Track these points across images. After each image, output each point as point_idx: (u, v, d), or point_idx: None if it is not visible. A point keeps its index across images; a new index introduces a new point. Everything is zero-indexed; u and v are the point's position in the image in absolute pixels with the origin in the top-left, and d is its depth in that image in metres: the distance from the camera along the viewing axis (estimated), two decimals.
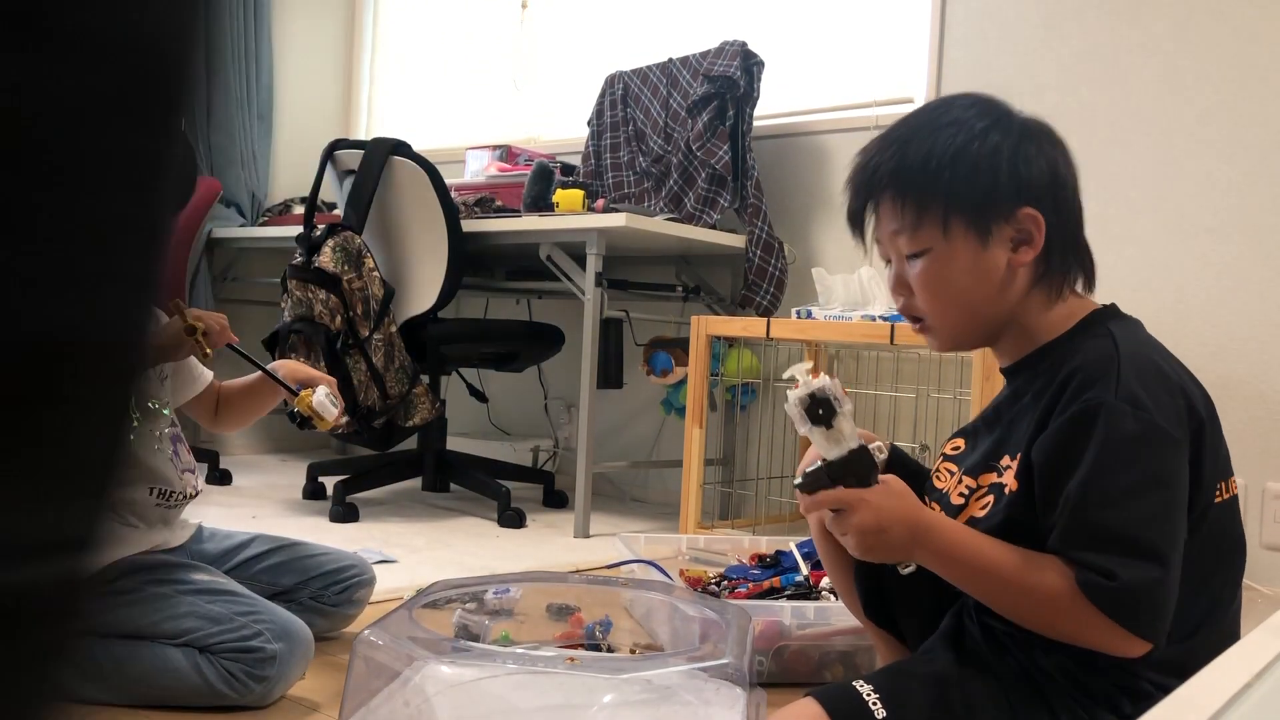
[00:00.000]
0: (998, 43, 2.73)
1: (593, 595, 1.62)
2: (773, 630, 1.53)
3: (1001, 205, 1.06)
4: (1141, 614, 0.94)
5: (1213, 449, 1.03)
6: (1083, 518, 0.97)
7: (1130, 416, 0.96)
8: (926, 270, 1.08)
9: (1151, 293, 2.46)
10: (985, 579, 1.01)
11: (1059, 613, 0.97)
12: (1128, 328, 1.08)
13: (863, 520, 1.02)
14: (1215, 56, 2.43)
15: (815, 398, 1.04)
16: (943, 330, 1.12)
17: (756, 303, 2.93)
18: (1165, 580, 0.94)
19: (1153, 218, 2.48)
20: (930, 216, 1.07)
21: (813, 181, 3.06)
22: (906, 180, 1.08)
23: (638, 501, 3.39)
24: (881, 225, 1.12)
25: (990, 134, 1.06)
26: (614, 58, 3.45)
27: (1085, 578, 0.95)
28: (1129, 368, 0.99)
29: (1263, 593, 2.20)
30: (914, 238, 1.08)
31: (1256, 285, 2.37)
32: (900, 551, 1.03)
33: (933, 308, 1.10)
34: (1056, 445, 1.00)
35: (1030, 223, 1.06)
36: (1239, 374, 2.38)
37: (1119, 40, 2.56)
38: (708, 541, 2.12)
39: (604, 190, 3.26)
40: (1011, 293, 1.09)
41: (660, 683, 1.14)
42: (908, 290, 1.11)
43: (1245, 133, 2.39)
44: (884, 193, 1.10)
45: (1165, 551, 0.95)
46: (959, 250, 1.07)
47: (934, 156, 1.06)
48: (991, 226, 1.06)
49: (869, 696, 1.01)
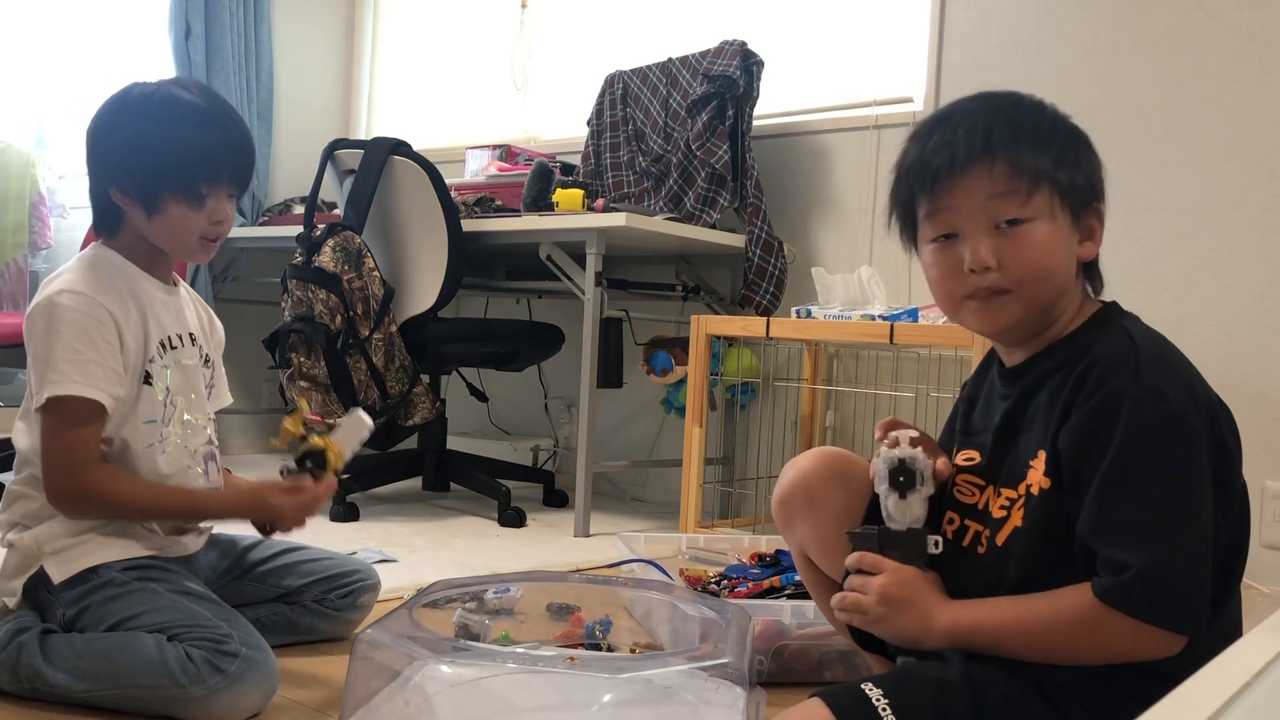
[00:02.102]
0: (998, 43, 2.73)
1: (593, 595, 1.62)
2: (773, 630, 1.53)
3: (1091, 193, 1.09)
4: (1161, 602, 0.94)
5: (1232, 431, 1.05)
6: (1102, 508, 0.98)
7: (1152, 405, 0.97)
8: (1040, 241, 1.05)
9: (1151, 293, 2.46)
10: (1014, 639, 1.01)
11: (1093, 633, 0.97)
12: (1137, 323, 1.09)
13: (887, 587, 1.07)
14: (1215, 56, 2.43)
15: (905, 465, 1.09)
16: (1022, 303, 1.07)
17: (756, 302, 2.93)
18: (1179, 565, 0.94)
19: (1153, 218, 2.48)
20: (1044, 185, 1.06)
21: (813, 181, 3.05)
22: (1030, 143, 1.06)
23: (638, 501, 3.39)
24: (975, 190, 1.06)
25: (1069, 122, 1.10)
26: (614, 57, 3.45)
27: (1100, 585, 0.95)
28: (1149, 358, 1.00)
29: (1263, 592, 2.20)
30: (1027, 204, 1.05)
31: (1256, 285, 2.37)
32: (908, 630, 1.06)
33: (1027, 275, 1.05)
34: (1081, 435, 1.00)
35: (1098, 219, 1.10)
36: (1239, 374, 2.38)
37: (1119, 40, 2.56)
38: (708, 541, 2.12)
39: (604, 190, 3.26)
40: (1072, 284, 1.10)
41: (660, 682, 1.14)
42: (992, 258, 1.05)
43: (1245, 133, 2.39)
44: (999, 153, 1.05)
45: (1181, 540, 0.95)
46: (1060, 227, 1.07)
47: (1048, 128, 1.08)
48: (1081, 213, 1.09)
49: (878, 702, 0.99)
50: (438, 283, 2.78)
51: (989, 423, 1.14)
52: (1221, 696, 0.58)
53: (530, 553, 2.48)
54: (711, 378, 2.77)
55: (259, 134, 4.08)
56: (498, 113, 4.01)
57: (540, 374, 3.65)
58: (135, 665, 1.28)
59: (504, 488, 2.87)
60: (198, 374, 1.53)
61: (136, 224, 1.45)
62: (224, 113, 1.47)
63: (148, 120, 1.42)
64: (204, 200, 1.43)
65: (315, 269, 2.71)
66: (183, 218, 1.43)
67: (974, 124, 1.07)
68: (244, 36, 4.01)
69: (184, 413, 1.48)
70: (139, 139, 1.42)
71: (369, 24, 4.49)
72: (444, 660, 1.16)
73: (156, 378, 1.45)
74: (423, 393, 2.82)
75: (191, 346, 1.52)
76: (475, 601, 1.53)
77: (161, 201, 1.42)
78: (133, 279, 1.46)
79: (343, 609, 1.62)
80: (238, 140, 1.47)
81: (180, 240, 1.46)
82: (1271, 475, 2.33)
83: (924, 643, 1.06)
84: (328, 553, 1.68)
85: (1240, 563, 1.07)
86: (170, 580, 1.39)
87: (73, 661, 1.31)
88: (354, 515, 2.77)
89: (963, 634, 1.04)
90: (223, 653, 1.28)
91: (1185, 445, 0.98)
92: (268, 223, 3.86)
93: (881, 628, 1.09)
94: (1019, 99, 1.12)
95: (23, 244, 3.58)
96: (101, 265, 1.45)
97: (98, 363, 1.37)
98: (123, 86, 1.46)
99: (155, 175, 1.41)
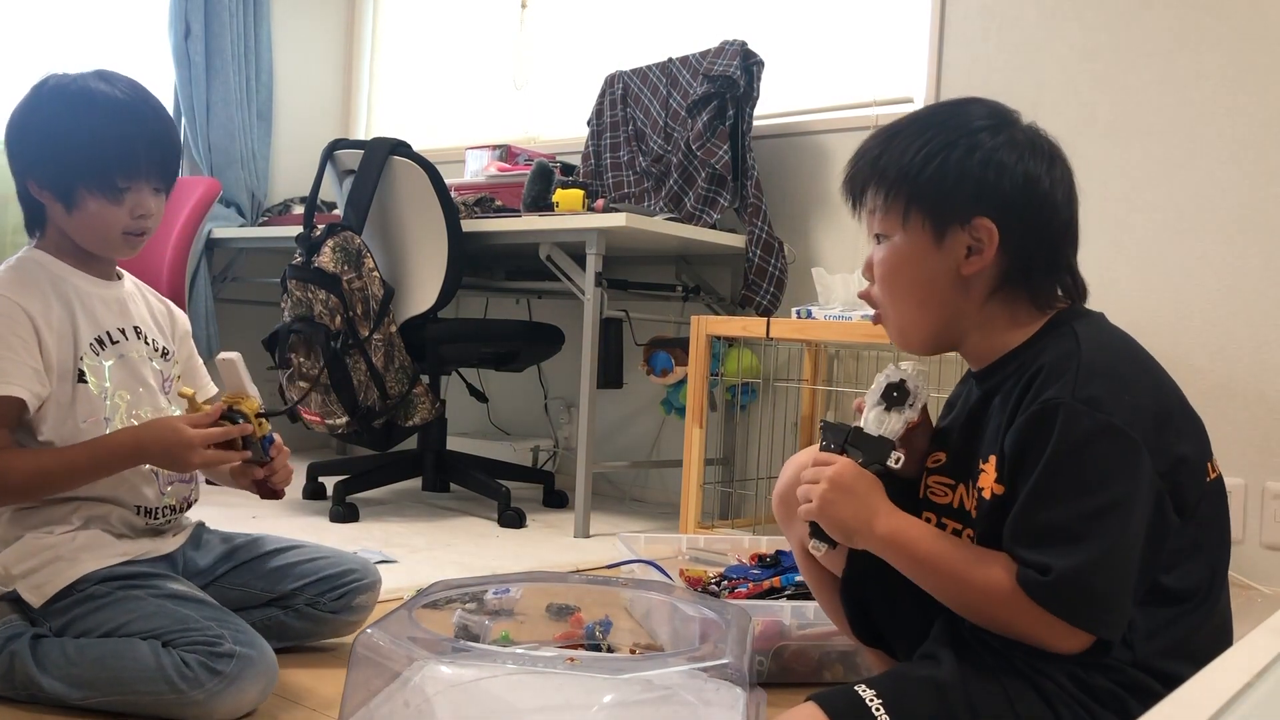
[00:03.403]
0: (998, 43, 2.73)
1: (593, 595, 1.62)
2: (773, 630, 1.53)
3: (958, 208, 1.06)
4: (1077, 605, 0.96)
5: (1190, 433, 1.04)
6: (1027, 515, 0.99)
7: (1086, 416, 0.97)
8: (885, 256, 1.12)
9: (1151, 293, 2.46)
10: (932, 571, 1.06)
11: (1000, 606, 0.99)
12: (1091, 324, 1.08)
13: (841, 474, 1.10)
14: (1215, 56, 2.43)
15: (904, 384, 1.15)
16: (892, 321, 1.15)
17: (756, 302, 2.93)
18: (1102, 570, 0.95)
19: (1153, 218, 2.48)
20: (895, 204, 1.09)
21: (813, 181, 3.05)
22: (883, 167, 1.11)
23: (638, 501, 3.39)
24: (865, 205, 1.14)
25: (978, 135, 1.07)
26: (614, 58, 3.45)
27: (1024, 574, 0.97)
28: (1089, 366, 1.00)
29: (1263, 592, 2.20)
30: (882, 221, 1.11)
31: (1256, 285, 2.37)
32: (854, 520, 1.09)
33: (883, 295, 1.14)
34: (1018, 443, 1.01)
35: (984, 233, 1.06)
36: (1239, 374, 2.38)
37: (1119, 40, 2.56)
38: (708, 541, 2.12)
39: (604, 190, 3.26)
40: (965, 301, 1.09)
41: (660, 683, 1.14)
42: (870, 275, 1.15)
43: (1245, 132, 2.39)
44: (868, 177, 1.13)
45: (1106, 546, 0.95)
46: (915, 244, 1.09)
47: (913, 149, 1.08)
48: (946, 228, 1.07)
49: (872, 702, 1.00)
50: (437, 283, 2.78)
51: (956, 424, 1.15)
52: (1222, 697, 0.58)
53: (530, 553, 2.48)
54: (711, 378, 2.77)
55: (259, 134, 4.09)
56: (498, 113, 4.01)
57: (540, 374, 3.65)
58: (132, 673, 1.27)
59: (504, 488, 2.87)
60: (145, 367, 1.48)
61: (57, 220, 1.42)
62: (144, 105, 1.43)
63: (62, 113, 1.39)
64: (122, 195, 1.39)
65: (315, 269, 2.71)
66: (101, 212, 1.39)
67: (861, 148, 1.15)
68: (244, 36, 4.01)
69: (131, 409, 1.44)
70: (52, 132, 1.39)
71: (369, 24, 4.49)
72: (444, 661, 1.15)
73: (92, 375, 1.41)
74: (422, 393, 2.82)
75: (136, 340, 1.48)
76: (475, 602, 1.53)
77: (78, 196, 1.38)
78: (60, 277, 1.43)
79: (339, 611, 1.57)
80: (158, 132, 1.43)
81: (101, 236, 1.42)
82: (1271, 475, 2.33)
83: (859, 539, 1.09)
84: (323, 551, 1.62)
85: (1220, 562, 1.07)
86: (152, 584, 1.37)
87: (67, 669, 1.29)
88: (354, 516, 2.77)
89: (894, 547, 1.08)
90: (217, 654, 1.27)
91: (1118, 455, 0.97)
92: (267, 223, 3.87)
93: (826, 514, 1.10)
94: (935, 111, 1.14)
95: (22, 244, 3.57)
96: (25, 266, 1.42)
97: (9, 359, 1.33)
98: (40, 79, 1.42)
99: (69, 169, 1.38)
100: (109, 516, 1.42)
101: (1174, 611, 1.02)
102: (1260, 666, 0.63)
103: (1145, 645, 1.00)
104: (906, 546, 1.07)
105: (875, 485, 1.11)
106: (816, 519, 1.12)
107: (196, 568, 1.54)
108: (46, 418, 1.37)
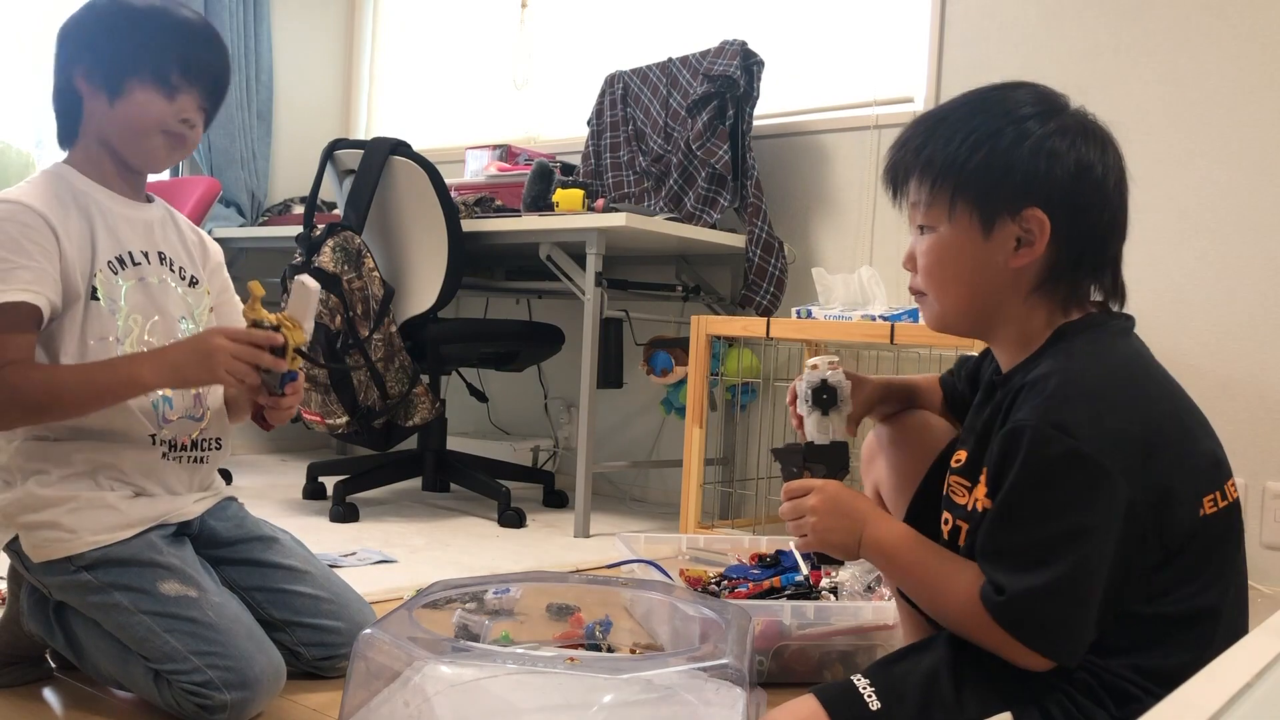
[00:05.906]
0: (998, 43, 2.73)
1: (593, 595, 1.62)
2: (773, 630, 1.53)
3: (1008, 199, 1.03)
4: (1029, 627, 0.96)
5: (1181, 467, 0.99)
6: (990, 533, 1.00)
7: (1055, 441, 0.95)
8: (929, 248, 1.09)
9: (1151, 293, 2.46)
10: (910, 578, 1.09)
11: (968, 617, 1.00)
12: (1097, 339, 1.05)
13: (820, 504, 1.13)
14: (1215, 56, 2.43)
15: (826, 384, 1.19)
16: (937, 306, 1.12)
17: (756, 302, 2.93)
18: (1055, 597, 0.95)
19: (1153, 218, 2.48)
20: (941, 196, 1.06)
21: (813, 181, 3.05)
22: (927, 156, 1.07)
23: (638, 501, 3.39)
24: (908, 197, 1.12)
25: (1026, 123, 1.04)
26: (614, 57, 3.45)
27: (984, 590, 0.98)
28: (1071, 387, 0.98)
29: (1263, 592, 2.20)
30: (926, 214, 1.09)
31: (1256, 285, 2.37)
32: (847, 539, 1.12)
33: (928, 285, 1.11)
34: (994, 462, 1.01)
35: (1035, 224, 1.03)
36: (1239, 374, 2.37)
37: (1119, 40, 2.56)
38: (708, 541, 2.12)
39: (604, 190, 3.26)
40: (1012, 293, 1.07)
41: (660, 683, 1.14)
42: (912, 266, 1.13)
43: (1245, 133, 2.39)
44: (911, 167, 1.09)
45: (1059, 573, 0.94)
46: (961, 236, 1.06)
47: (959, 137, 1.05)
48: (995, 219, 1.04)
49: (865, 690, 1.03)
50: (437, 283, 2.78)
51: (975, 425, 1.14)
52: (1222, 697, 0.58)
53: (530, 553, 2.48)
54: (712, 378, 2.77)
55: (259, 134, 4.09)
56: (498, 113, 4.01)
57: (540, 374, 3.65)
58: (140, 687, 1.31)
59: (504, 488, 2.87)
60: (168, 295, 1.42)
61: (96, 117, 1.37)
62: (214, 34, 1.42)
63: (130, 8, 1.36)
64: (175, 93, 1.35)
65: (315, 269, 2.71)
66: (147, 104, 1.34)
67: (903, 136, 1.12)
68: (244, 36, 4.01)
69: (145, 334, 1.38)
70: (116, 23, 1.35)
71: (369, 24, 4.49)
72: (444, 661, 1.15)
73: (104, 293, 1.34)
74: (422, 393, 2.82)
75: (160, 265, 1.42)
76: (475, 602, 1.53)
77: (127, 86, 1.34)
78: (84, 192, 1.37)
79: (319, 668, 1.46)
80: (219, 60, 1.40)
81: (140, 130, 1.36)
82: (1272, 475, 2.33)
83: (857, 554, 1.13)
84: (326, 590, 1.50)
85: (1228, 589, 1.04)
86: (145, 583, 1.30)
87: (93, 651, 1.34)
88: (354, 516, 2.77)
89: (879, 556, 1.11)
90: (208, 705, 1.24)
91: (1083, 483, 0.95)
92: (267, 223, 3.87)
93: (825, 543, 1.15)
94: (980, 96, 1.10)
95: None
96: (48, 178, 1.37)
97: (29, 267, 1.27)
98: None
99: (125, 58, 1.33)
100: (120, 462, 1.35)
101: (1182, 636, 0.99)
102: (1260, 666, 0.63)
103: (1143, 662, 0.98)
104: (887, 554, 1.10)
105: (856, 497, 1.14)
106: (818, 550, 1.16)
107: (215, 537, 1.47)
108: (57, 332, 1.31)
